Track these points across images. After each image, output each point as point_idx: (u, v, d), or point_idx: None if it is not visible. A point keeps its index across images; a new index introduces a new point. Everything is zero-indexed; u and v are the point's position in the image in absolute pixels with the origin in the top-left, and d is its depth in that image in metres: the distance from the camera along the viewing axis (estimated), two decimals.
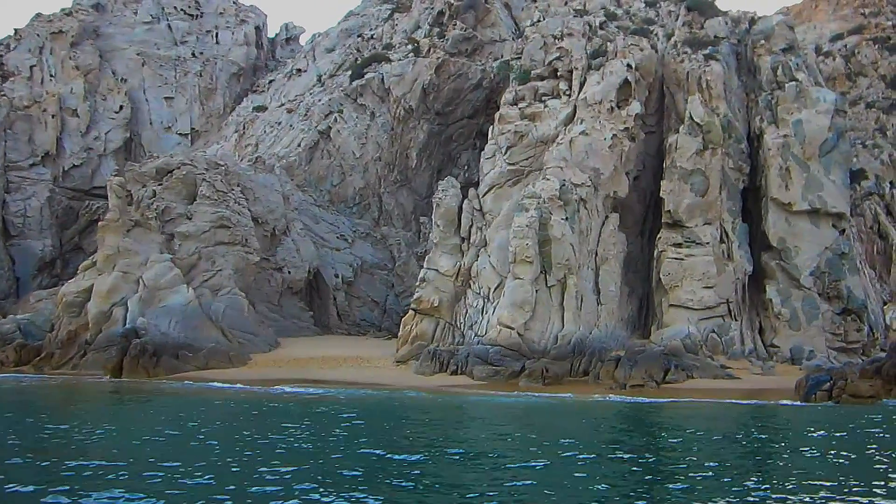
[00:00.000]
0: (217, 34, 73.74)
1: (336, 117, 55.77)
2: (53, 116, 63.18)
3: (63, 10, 69.92)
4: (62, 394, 31.46)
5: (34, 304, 53.26)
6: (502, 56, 57.08)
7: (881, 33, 70.23)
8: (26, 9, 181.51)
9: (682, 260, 41.39)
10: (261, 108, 63.31)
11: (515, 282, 37.79)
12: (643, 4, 54.48)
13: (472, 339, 38.63)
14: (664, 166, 43.72)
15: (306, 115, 57.14)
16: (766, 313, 42.98)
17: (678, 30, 49.49)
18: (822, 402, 30.13)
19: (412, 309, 41.35)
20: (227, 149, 58.61)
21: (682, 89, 45.76)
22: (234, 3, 76.52)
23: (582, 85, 45.00)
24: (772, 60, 46.49)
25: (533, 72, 46.84)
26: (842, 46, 70.88)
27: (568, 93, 45.07)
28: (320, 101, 57.40)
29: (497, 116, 45.42)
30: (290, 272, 48.27)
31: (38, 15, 69.20)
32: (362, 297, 52.85)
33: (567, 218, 39.31)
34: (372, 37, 63.64)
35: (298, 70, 66.73)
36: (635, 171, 45.08)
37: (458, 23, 59.33)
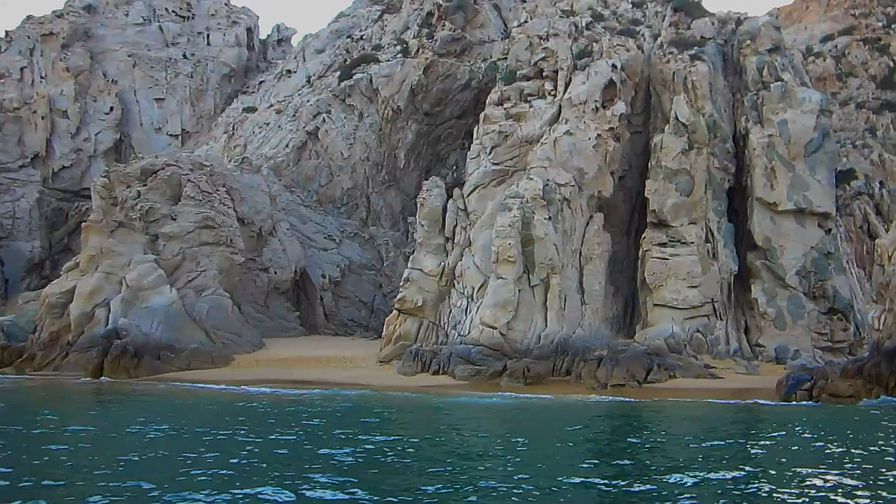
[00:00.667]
0: (208, 35, 73.75)
1: (324, 118, 55.73)
2: (43, 118, 63.15)
3: (54, 11, 69.92)
4: (31, 394, 31.34)
5: (22, 305, 53.23)
6: (491, 57, 57.09)
7: (871, 34, 70.23)
8: (17, 11, 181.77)
9: (667, 260, 41.32)
10: (250, 109, 63.27)
11: (498, 281, 37.71)
12: (630, 5, 54.48)
13: (456, 339, 38.55)
14: (649, 166, 43.68)
15: (295, 115, 57.10)
16: (751, 313, 42.91)
17: (665, 30, 49.51)
18: (803, 402, 30.02)
19: (396, 309, 41.29)
20: (216, 150, 58.56)
21: (668, 89, 45.74)
22: (225, 4, 76.52)
23: (567, 85, 44.98)
24: (758, 61, 46.48)
25: (518, 72, 46.84)
26: (832, 47, 70.90)
27: (553, 93, 45.06)
28: (309, 101, 57.37)
29: (482, 116, 45.41)
30: (276, 272, 48.19)
31: (29, 17, 69.24)
32: (350, 298, 52.77)
33: (550, 218, 39.26)
34: (361, 38, 63.62)
35: (288, 71, 66.72)
36: (621, 170, 45.04)
37: (447, 23, 59.33)
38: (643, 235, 42.77)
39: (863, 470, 15.35)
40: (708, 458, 17.17)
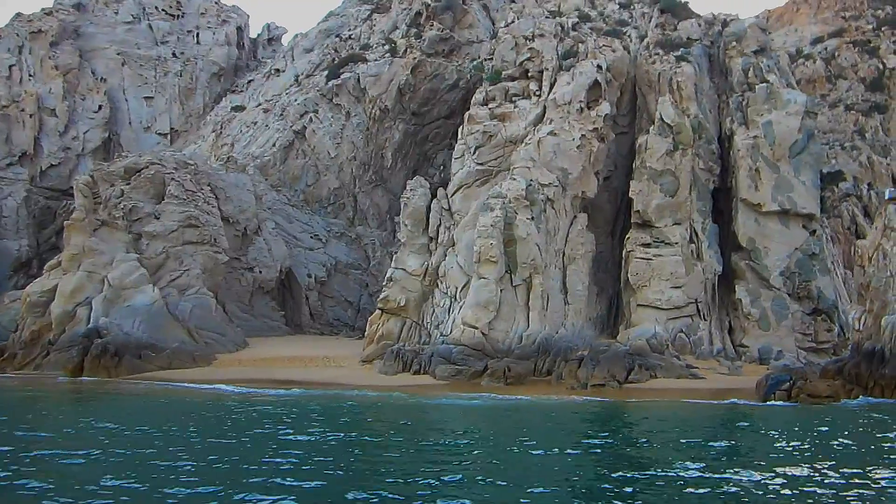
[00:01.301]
0: (198, 34, 73.57)
1: (311, 117, 55.65)
2: (31, 116, 62.93)
3: (43, 9, 69.66)
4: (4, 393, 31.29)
5: (8, 304, 52.98)
6: (479, 57, 57.04)
7: (861, 36, 70.25)
8: (6, 8, 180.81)
9: (650, 260, 41.29)
10: (239, 108, 63.16)
11: (480, 281, 37.66)
12: (617, 6, 54.48)
13: (438, 339, 38.47)
14: (634, 166, 43.66)
15: (282, 114, 57.00)
16: (735, 313, 42.93)
17: (651, 31, 49.52)
18: (781, 402, 30.00)
19: (379, 308, 41.21)
20: (204, 149, 58.43)
21: (653, 90, 45.74)
22: (215, 3, 76.30)
23: (552, 86, 44.94)
24: (743, 62, 46.54)
25: (504, 72, 46.80)
26: (822, 49, 70.94)
27: (538, 93, 45.01)
28: (296, 100, 57.27)
29: (466, 117, 45.35)
30: (261, 272, 48.08)
31: (18, 15, 68.99)
32: (336, 297, 52.67)
33: (533, 218, 39.20)
34: (350, 37, 63.55)
35: (277, 70, 66.60)
36: (606, 171, 45.01)
37: (436, 24, 59.28)
38: (627, 236, 42.75)
39: (810, 464, 16.33)
40: (674, 455, 17.17)
